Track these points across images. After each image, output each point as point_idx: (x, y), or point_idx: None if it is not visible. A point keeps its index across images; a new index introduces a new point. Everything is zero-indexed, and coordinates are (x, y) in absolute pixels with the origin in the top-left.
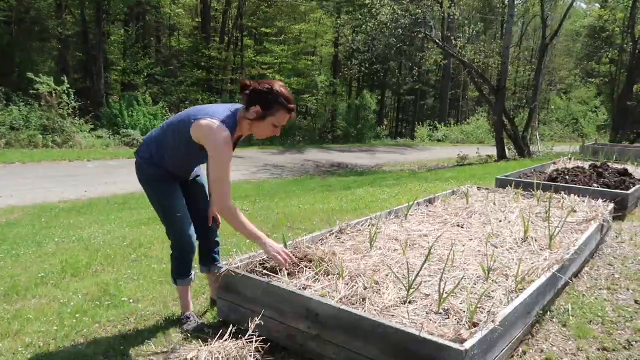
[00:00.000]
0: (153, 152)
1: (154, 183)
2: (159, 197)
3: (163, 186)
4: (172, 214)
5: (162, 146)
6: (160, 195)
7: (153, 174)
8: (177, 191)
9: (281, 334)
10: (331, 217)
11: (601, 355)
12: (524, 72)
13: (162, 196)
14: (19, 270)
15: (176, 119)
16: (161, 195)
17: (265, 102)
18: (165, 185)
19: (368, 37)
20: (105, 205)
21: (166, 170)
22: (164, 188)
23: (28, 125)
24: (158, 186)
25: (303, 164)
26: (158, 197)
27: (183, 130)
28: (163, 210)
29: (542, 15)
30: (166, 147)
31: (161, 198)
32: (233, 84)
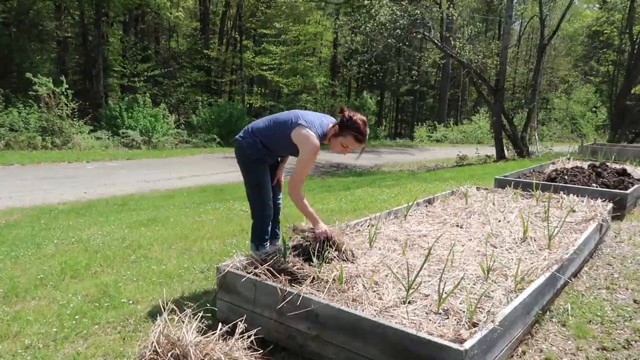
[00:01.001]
0: (258, 139)
1: (252, 163)
2: (254, 174)
3: (259, 166)
4: (263, 190)
5: (268, 135)
6: (255, 174)
7: (253, 156)
8: (267, 172)
9: (281, 335)
10: (330, 217)
11: (600, 354)
12: (522, 72)
13: (257, 175)
14: (18, 272)
15: (282, 118)
16: (256, 173)
17: (342, 125)
18: (261, 166)
19: (367, 37)
20: (104, 207)
21: (264, 154)
22: (259, 168)
23: (27, 126)
24: (255, 166)
25: None
26: (253, 174)
27: (286, 128)
28: (256, 187)
29: (540, 16)
30: (271, 137)
31: (255, 176)
32: (232, 85)
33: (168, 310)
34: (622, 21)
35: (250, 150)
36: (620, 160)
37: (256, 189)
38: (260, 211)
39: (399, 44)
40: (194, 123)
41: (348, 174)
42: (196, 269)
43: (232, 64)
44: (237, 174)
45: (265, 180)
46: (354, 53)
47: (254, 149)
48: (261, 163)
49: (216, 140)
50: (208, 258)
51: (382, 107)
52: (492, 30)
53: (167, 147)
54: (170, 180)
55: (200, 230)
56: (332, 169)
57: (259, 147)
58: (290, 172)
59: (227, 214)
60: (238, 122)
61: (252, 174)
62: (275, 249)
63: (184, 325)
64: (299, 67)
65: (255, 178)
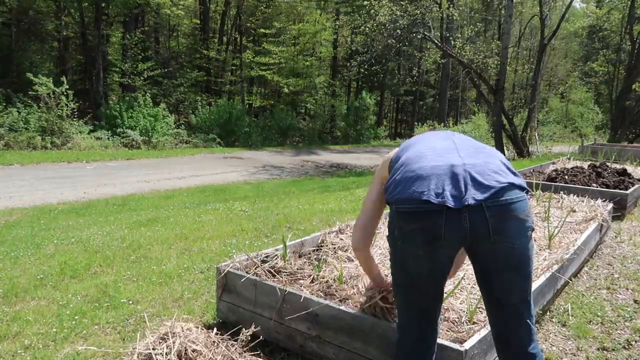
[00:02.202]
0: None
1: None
2: (394, 269)
3: (402, 254)
4: (401, 295)
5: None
6: (394, 269)
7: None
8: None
9: (281, 335)
10: (330, 217)
11: (600, 355)
12: (522, 72)
13: (400, 268)
14: (17, 272)
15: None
16: (395, 264)
17: None
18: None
19: (367, 37)
20: (104, 207)
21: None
22: (402, 256)
23: (27, 126)
24: (398, 251)
25: (302, 164)
26: (393, 269)
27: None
28: (394, 283)
29: (541, 16)
30: None
31: (399, 269)
32: (232, 85)
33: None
34: (622, 21)
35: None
36: (620, 160)
37: (399, 293)
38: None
39: (399, 44)
40: (194, 123)
41: (348, 174)
42: (196, 269)
43: (232, 63)
44: (236, 174)
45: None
46: (354, 53)
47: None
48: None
49: (216, 140)
50: (208, 258)
51: (382, 107)
52: (492, 30)
53: (167, 147)
54: (170, 180)
55: (200, 230)
56: (332, 169)
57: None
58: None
59: (227, 214)
60: (238, 122)
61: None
62: (274, 249)
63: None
64: (298, 67)
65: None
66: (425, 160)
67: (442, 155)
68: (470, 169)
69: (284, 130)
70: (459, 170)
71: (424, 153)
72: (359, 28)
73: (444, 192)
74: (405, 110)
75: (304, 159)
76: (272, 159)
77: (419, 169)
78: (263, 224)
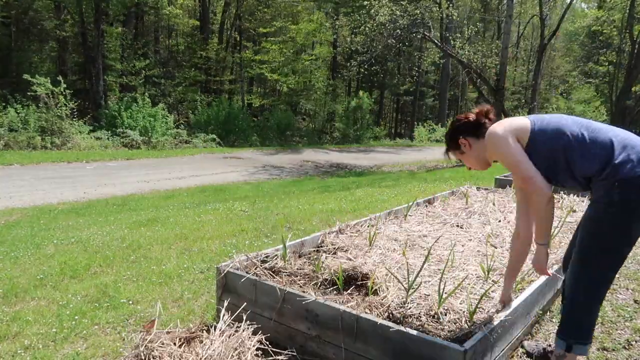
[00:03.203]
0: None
1: (634, 216)
2: (621, 234)
3: (634, 225)
4: (609, 265)
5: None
6: (623, 235)
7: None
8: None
9: (281, 335)
10: (330, 217)
11: (601, 355)
12: (522, 72)
13: (623, 237)
14: (17, 272)
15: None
16: (624, 234)
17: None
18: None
19: (366, 37)
20: (104, 207)
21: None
22: (632, 227)
23: (26, 126)
24: (631, 222)
25: (302, 164)
26: (620, 234)
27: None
28: (600, 256)
29: (540, 15)
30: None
31: (621, 238)
32: (231, 84)
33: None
34: (622, 21)
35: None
36: None
37: (613, 262)
38: (592, 297)
39: (399, 44)
40: (193, 122)
41: (348, 174)
42: (196, 269)
43: (232, 63)
44: (236, 174)
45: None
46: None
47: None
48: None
49: (216, 140)
50: (208, 258)
51: (382, 107)
52: (492, 30)
53: (167, 147)
54: (170, 180)
55: (200, 230)
56: (332, 169)
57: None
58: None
59: (227, 214)
60: (237, 121)
61: (628, 237)
62: (274, 249)
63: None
64: (298, 67)
65: (627, 246)
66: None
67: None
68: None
69: (284, 130)
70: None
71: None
72: (359, 28)
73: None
74: (405, 110)
75: (303, 159)
76: (271, 158)
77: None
78: (263, 224)
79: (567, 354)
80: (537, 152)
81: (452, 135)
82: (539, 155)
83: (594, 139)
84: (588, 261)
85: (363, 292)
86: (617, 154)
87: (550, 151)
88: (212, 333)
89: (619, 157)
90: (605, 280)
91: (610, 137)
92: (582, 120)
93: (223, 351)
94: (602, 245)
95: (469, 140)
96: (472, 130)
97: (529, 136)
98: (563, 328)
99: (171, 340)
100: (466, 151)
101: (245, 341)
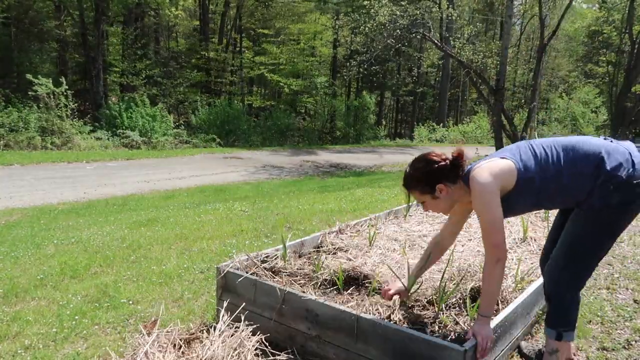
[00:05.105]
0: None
1: (628, 216)
2: (612, 233)
3: (625, 224)
4: (596, 260)
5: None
6: (613, 233)
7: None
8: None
9: (281, 335)
10: (330, 217)
11: (600, 354)
12: (522, 73)
13: (613, 236)
14: (17, 272)
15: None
16: (614, 233)
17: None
18: (626, 224)
19: (367, 37)
20: (104, 207)
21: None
22: (623, 227)
23: (27, 126)
24: (624, 221)
25: (302, 164)
26: (612, 233)
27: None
28: (591, 251)
29: (540, 16)
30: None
31: (611, 237)
32: (231, 86)
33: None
34: (621, 21)
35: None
36: None
37: (593, 258)
38: (575, 292)
39: (399, 44)
40: (194, 123)
41: (348, 174)
42: (196, 269)
43: (232, 64)
44: (236, 174)
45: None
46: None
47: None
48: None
49: (216, 140)
50: (208, 258)
51: (382, 107)
52: (493, 31)
53: (167, 147)
54: (170, 180)
55: (200, 230)
56: (332, 169)
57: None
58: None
59: (227, 214)
60: (237, 122)
61: (612, 232)
62: (274, 249)
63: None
64: (299, 68)
65: (609, 242)
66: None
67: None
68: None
69: (284, 130)
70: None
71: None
72: (359, 28)
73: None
74: (405, 111)
75: (303, 159)
76: (271, 159)
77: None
78: (263, 224)
79: (558, 344)
80: (525, 192)
81: (429, 179)
82: (528, 193)
83: (577, 155)
84: (578, 258)
85: (363, 292)
86: (606, 162)
87: (540, 186)
88: (212, 333)
89: (609, 163)
90: (591, 271)
91: (592, 149)
92: (552, 142)
93: (223, 352)
94: (595, 245)
95: (447, 187)
96: (451, 174)
97: (516, 180)
98: (551, 318)
99: (171, 342)
100: (441, 197)
101: (245, 341)
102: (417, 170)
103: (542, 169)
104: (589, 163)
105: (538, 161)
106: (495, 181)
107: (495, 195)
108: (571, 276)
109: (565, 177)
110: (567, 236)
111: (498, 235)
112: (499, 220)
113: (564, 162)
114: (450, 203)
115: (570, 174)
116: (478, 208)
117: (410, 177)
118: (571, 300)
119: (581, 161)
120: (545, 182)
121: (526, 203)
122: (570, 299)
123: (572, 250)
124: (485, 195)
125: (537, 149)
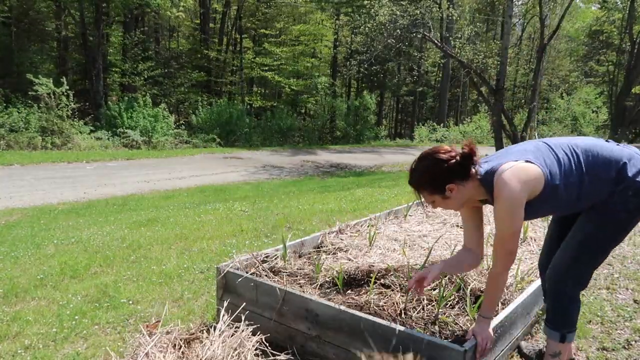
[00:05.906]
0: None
1: (637, 220)
2: (621, 235)
3: (630, 228)
4: (600, 262)
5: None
6: (622, 236)
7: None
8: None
9: (281, 335)
10: (330, 217)
11: (600, 354)
12: (523, 73)
13: (621, 238)
14: (17, 272)
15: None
16: (622, 236)
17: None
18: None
19: (367, 37)
20: (104, 207)
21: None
22: (630, 230)
23: (27, 126)
24: (633, 225)
25: (302, 164)
26: (621, 235)
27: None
28: (601, 251)
29: (540, 16)
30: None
31: (617, 239)
32: (232, 85)
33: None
34: (622, 21)
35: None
36: None
37: (599, 258)
38: (577, 289)
39: (399, 44)
40: (194, 123)
41: (348, 174)
42: (196, 269)
43: (233, 64)
44: (236, 174)
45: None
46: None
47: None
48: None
49: (216, 140)
50: (208, 258)
51: (382, 107)
52: (493, 31)
53: (167, 147)
54: (170, 180)
55: (200, 230)
56: (332, 169)
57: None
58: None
59: (227, 214)
60: (238, 122)
61: (617, 235)
62: (274, 249)
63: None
64: (300, 68)
65: (613, 243)
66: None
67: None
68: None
69: (284, 130)
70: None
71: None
72: (359, 28)
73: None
74: (405, 111)
75: (303, 159)
76: (271, 159)
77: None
78: (263, 224)
79: (561, 346)
80: (550, 200)
81: (438, 179)
82: (552, 200)
83: (597, 161)
84: (583, 259)
85: (363, 292)
86: (629, 168)
87: (564, 193)
88: (212, 334)
89: (631, 170)
90: (592, 271)
91: (613, 155)
92: (569, 143)
93: (223, 352)
94: (602, 247)
95: (458, 186)
96: (462, 172)
97: (543, 187)
98: (554, 320)
99: (171, 342)
100: (452, 196)
101: (245, 342)
102: (426, 169)
103: (565, 176)
104: (610, 169)
105: (562, 167)
106: (524, 191)
107: (522, 206)
108: (576, 275)
109: (587, 184)
110: (578, 236)
111: (514, 244)
112: (519, 230)
113: (586, 167)
114: (461, 201)
115: (591, 180)
116: (501, 215)
117: (418, 177)
118: (573, 299)
119: (601, 166)
120: (568, 189)
121: (547, 209)
122: (572, 298)
123: (582, 249)
124: (514, 204)
125: (558, 153)
